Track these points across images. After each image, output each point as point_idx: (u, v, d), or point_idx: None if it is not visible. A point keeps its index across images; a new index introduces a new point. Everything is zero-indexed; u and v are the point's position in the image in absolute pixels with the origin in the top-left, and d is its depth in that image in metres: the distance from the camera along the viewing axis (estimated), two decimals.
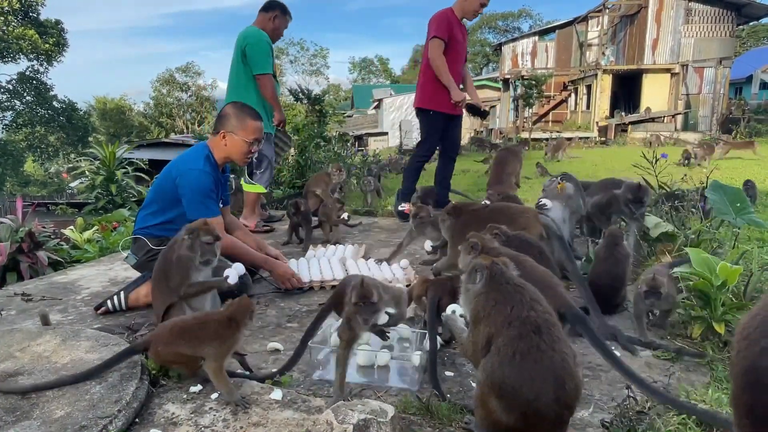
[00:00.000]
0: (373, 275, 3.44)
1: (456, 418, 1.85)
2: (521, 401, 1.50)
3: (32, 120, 29.29)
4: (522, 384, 1.50)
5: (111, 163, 9.94)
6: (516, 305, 1.63)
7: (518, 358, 1.52)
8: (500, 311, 1.63)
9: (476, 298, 1.71)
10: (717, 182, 3.49)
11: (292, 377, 2.18)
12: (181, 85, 50.78)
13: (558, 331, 1.62)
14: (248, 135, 3.18)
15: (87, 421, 1.65)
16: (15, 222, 5.39)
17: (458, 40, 5.26)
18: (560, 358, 1.55)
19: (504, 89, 29.31)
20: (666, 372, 2.22)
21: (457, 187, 8.55)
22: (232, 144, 3.17)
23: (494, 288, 1.70)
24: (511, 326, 1.58)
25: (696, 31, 24.01)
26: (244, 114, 3.22)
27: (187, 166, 3.09)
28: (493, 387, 1.54)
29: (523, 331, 1.56)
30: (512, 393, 1.50)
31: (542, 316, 1.61)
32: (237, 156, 3.24)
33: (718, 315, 2.48)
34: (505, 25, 56.33)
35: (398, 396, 2.02)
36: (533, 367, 1.51)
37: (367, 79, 64.50)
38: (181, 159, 3.22)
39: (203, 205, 3.02)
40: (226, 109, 3.28)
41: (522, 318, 1.59)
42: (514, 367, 1.52)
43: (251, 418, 1.83)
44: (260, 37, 4.84)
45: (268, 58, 4.84)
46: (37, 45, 26.71)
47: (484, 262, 1.76)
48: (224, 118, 3.21)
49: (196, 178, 3.03)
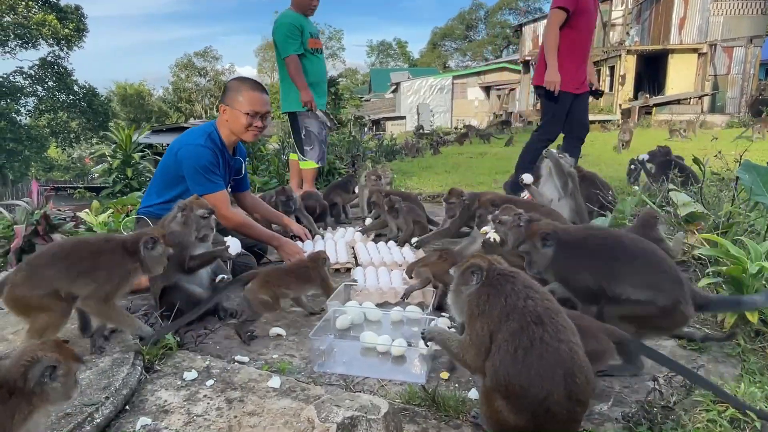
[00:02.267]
0: (382, 257, 3.33)
1: (463, 410, 1.73)
2: (530, 401, 1.36)
3: (54, 106, 29.59)
4: (529, 383, 1.36)
5: (127, 146, 9.96)
6: (510, 295, 1.48)
7: (521, 354, 1.38)
8: (494, 303, 1.49)
9: (469, 298, 1.56)
10: (749, 162, 3.27)
11: (291, 364, 2.08)
12: (199, 70, 50.93)
13: (562, 318, 1.48)
14: (244, 106, 3.00)
15: (72, 408, 1.57)
16: (30, 205, 5.41)
17: (588, 10, 4.62)
18: (567, 348, 1.41)
19: (524, 71, 28.66)
20: (693, 363, 2.07)
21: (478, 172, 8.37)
22: (232, 117, 3.05)
23: (486, 283, 1.55)
24: (509, 319, 1.44)
25: (725, 9, 23.05)
26: (242, 85, 3.08)
27: (187, 141, 3.05)
28: (498, 388, 1.40)
29: (523, 322, 1.42)
30: (520, 393, 1.36)
31: (541, 304, 1.47)
32: (238, 130, 3.08)
33: None
34: (526, 6, 55.03)
35: (403, 385, 1.90)
36: (539, 363, 1.37)
37: (385, 63, 63.80)
38: (184, 135, 3.17)
39: (206, 179, 2.97)
40: (228, 83, 3.19)
41: (519, 308, 1.45)
42: (518, 365, 1.38)
43: (246, 407, 1.73)
44: (282, 19, 4.95)
45: (288, 40, 4.86)
46: (57, 30, 26.88)
47: (480, 262, 1.60)
48: (224, 92, 3.13)
49: (195, 152, 2.98)
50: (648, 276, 1.98)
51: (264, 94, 3.13)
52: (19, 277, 1.95)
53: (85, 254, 2.02)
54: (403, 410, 1.71)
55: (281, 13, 5.08)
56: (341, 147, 8.23)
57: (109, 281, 2.00)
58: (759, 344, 2.23)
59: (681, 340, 2.26)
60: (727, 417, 1.57)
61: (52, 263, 1.99)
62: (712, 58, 23.12)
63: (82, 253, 2.03)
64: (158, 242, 2.12)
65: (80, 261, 2.00)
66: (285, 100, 5.13)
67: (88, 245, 2.09)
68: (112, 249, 2.07)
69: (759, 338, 2.27)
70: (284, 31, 4.86)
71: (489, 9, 57.99)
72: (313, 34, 5.08)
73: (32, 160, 30.54)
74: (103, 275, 1.99)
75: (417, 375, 1.99)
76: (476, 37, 59.63)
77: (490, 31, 57.80)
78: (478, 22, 59.54)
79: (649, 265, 2.00)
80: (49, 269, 1.97)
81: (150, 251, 2.10)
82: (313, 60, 5.04)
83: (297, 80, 4.88)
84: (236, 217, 3.12)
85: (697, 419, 1.58)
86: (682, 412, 1.61)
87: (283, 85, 5.12)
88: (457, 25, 59.98)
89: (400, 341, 2.11)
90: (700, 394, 1.69)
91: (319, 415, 1.20)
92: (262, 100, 3.08)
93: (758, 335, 2.29)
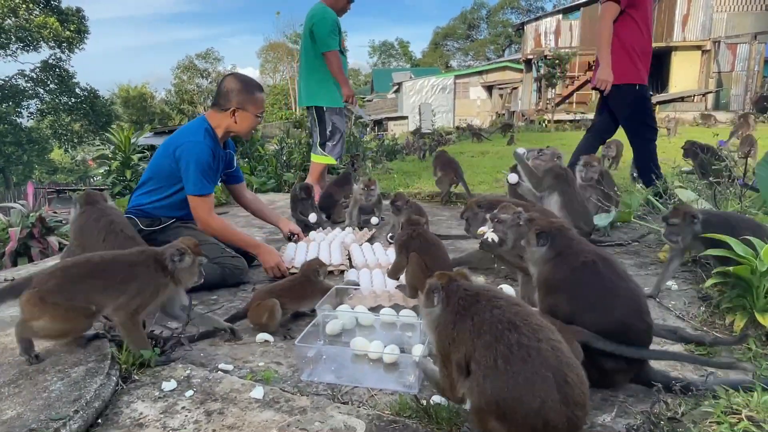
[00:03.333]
0: (377, 260, 3.23)
1: (457, 422, 1.62)
2: (526, 414, 1.24)
3: (56, 108, 29.65)
4: (520, 393, 1.25)
5: (126, 147, 9.88)
6: (476, 313, 1.38)
7: (502, 363, 1.28)
8: (462, 327, 1.39)
9: (437, 326, 1.47)
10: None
11: (277, 372, 1.98)
12: (201, 71, 50.92)
13: (536, 319, 1.38)
14: (258, 109, 3.07)
15: (37, 423, 1.46)
16: (26, 207, 5.33)
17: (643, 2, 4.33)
18: (549, 347, 1.31)
19: (526, 70, 28.51)
20: (700, 369, 1.96)
21: (479, 171, 8.25)
22: (243, 120, 3.05)
23: (449, 308, 1.45)
24: (481, 333, 1.34)
25: (729, 6, 22.86)
26: (251, 87, 3.07)
27: (187, 139, 2.97)
28: (489, 408, 1.29)
29: (496, 332, 1.32)
30: (513, 407, 1.25)
31: (510, 310, 1.37)
32: (245, 131, 3.14)
33: (761, 305, 2.19)
34: (527, 5, 54.88)
35: (394, 395, 1.80)
36: (524, 368, 1.27)
37: (387, 63, 63.71)
38: (180, 133, 3.08)
39: (201, 178, 2.92)
40: (230, 83, 3.07)
41: (488, 320, 1.35)
42: (502, 376, 1.27)
43: (226, 420, 1.63)
44: (324, 14, 4.88)
45: (333, 35, 4.87)
46: (58, 33, 26.93)
47: (438, 281, 1.50)
48: (230, 93, 3.03)
49: (198, 150, 2.92)
50: None
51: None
52: (52, 284, 1.85)
53: (122, 268, 1.96)
54: (392, 423, 1.61)
55: (320, 6, 4.97)
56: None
57: (140, 295, 1.93)
58: None
59: (689, 344, 2.15)
60: (740, 430, 1.45)
61: (91, 276, 1.92)
62: (716, 55, 22.94)
63: (118, 266, 1.96)
64: (186, 253, 2.03)
65: (117, 275, 1.93)
66: (314, 94, 5.06)
67: (125, 258, 2.02)
68: (146, 262, 2.00)
69: None
70: (330, 27, 4.85)
71: (491, 8, 57.94)
72: (343, 34, 5.16)
73: (35, 162, 30.59)
74: (135, 288, 1.92)
75: (409, 384, 1.88)
76: (478, 36, 59.54)
77: (492, 30, 57.69)
78: (480, 21, 59.45)
79: None
80: (87, 282, 1.90)
81: (179, 263, 2.02)
82: (342, 59, 5.08)
83: (339, 75, 4.95)
84: (215, 222, 3.04)
85: (707, 431, 1.47)
86: (691, 425, 1.50)
87: (311, 78, 5.04)
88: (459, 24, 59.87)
89: (392, 348, 2.01)
90: (709, 405, 1.58)
91: None
92: (264, 99, 3.19)
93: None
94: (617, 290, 1.76)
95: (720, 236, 2.28)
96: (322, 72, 4.95)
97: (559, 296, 1.78)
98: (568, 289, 1.78)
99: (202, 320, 2.27)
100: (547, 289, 1.84)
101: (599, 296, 1.75)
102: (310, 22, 4.94)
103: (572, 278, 1.79)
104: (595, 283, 1.77)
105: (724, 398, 1.59)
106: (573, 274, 1.79)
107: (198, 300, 2.63)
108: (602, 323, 1.71)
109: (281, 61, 50.55)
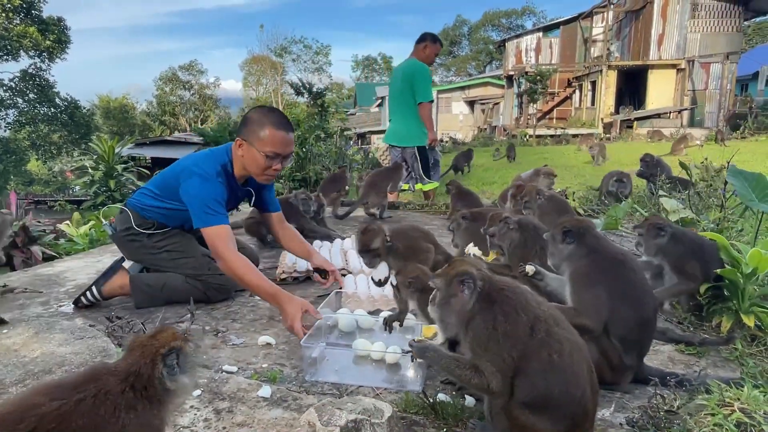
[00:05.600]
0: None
1: (462, 417, 1.66)
2: (569, 405, 1.31)
3: (35, 118, 29.13)
4: (567, 386, 1.31)
5: (110, 158, 9.78)
6: (524, 307, 1.39)
7: (557, 358, 1.32)
8: (515, 321, 1.37)
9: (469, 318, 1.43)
10: (735, 167, 3.30)
11: (282, 373, 2.00)
12: (184, 83, 50.63)
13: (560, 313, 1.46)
14: (266, 146, 2.54)
15: None
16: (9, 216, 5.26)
17: None
18: (582, 342, 1.38)
19: (508, 86, 29.02)
20: (691, 368, 2.04)
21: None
22: (248, 155, 2.61)
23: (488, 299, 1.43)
24: (534, 330, 1.35)
25: (702, 26, 23.67)
26: (266, 120, 2.58)
27: (193, 170, 2.64)
28: (534, 402, 1.32)
29: (548, 328, 1.36)
30: (560, 399, 1.31)
31: (549, 306, 1.44)
32: (254, 171, 2.66)
33: (747, 307, 2.29)
34: (508, 23, 55.93)
35: (399, 394, 1.84)
36: (572, 361, 1.34)
37: (370, 77, 64.18)
38: (194, 160, 2.77)
39: (206, 213, 2.53)
40: (250, 113, 2.71)
41: (541, 317, 1.38)
42: (557, 371, 1.32)
43: (235, 418, 1.65)
44: (425, 70, 5.85)
45: (429, 87, 5.83)
46: (38, 42, 26.58)
47: (470, 270, 1.46)
48: (244, 123, 2.66)
49: (198, 185, 2.58)
50: None
51: (290, 133, 2.65)
52: None
53: None
54: (401, 419, 1.65)
55: (414, 61, 5.87)
56: (328, 158, 8.21)
57: None
58: (756, 348, 2.21)
59: (679, 344, 2.23)
60: (733, 420, 1.53)
61: None
62: (690, 74, 23.66)
63: None
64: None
65: None
66: (412, 137, 5.96)
67: None
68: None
69: (756, 342, 2.26)
70: (428, 79, 5.84)
71: (472, 25, 58.87)
72: None
73: (11, 173, 29.95)
74: None
75: (413, 382, 1.92)
76: (460, 52, 60.41)
77: (474, 47, 58.58)
78: (462, 38, 60.36)
79: None
80: None
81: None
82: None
83: (429, 123, 5.86)
84: (235, 260, 2.45)
85: (702, 423, 1.54)
86: (687, 417, 1.57)
87: (405, 122, 5.94)
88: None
89: (394, 348, 2.05)
90: (703, 398, 1.65)
91: (321, 418, 1.13)
92: (286, 140, 2.60)
93: (754, 340, 2.27)
94: (645, 286, 1.91)
95: None
96: (413, 117, 5.84)
97: (599, 290, 1.84)
98: (608, 283, 1.85)
99: None
100: (586, 282, 1.88)
101: (634, 290, 1.86)
102: (410, 75, 5.80)
103: (611, 273, 1.88)
104: (630, 279, 1.88)
105: (717, 392, 1.66)
106: (611, 269, 1.88)
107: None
108: (637, 316, 1.83)
109: (264, 74, 50.57)
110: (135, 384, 1.08)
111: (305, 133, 8.14)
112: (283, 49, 50.59)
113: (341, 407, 1.17)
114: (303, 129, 8.26)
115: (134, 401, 1.08)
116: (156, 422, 1.12)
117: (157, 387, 1.11)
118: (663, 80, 23.96)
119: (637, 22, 25.22)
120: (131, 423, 1.05)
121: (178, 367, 1.14)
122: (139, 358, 1.12)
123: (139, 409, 1.08)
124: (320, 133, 8.69)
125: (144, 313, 2.62)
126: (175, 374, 1.14)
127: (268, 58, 49.84)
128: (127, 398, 1.07)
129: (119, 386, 1.07)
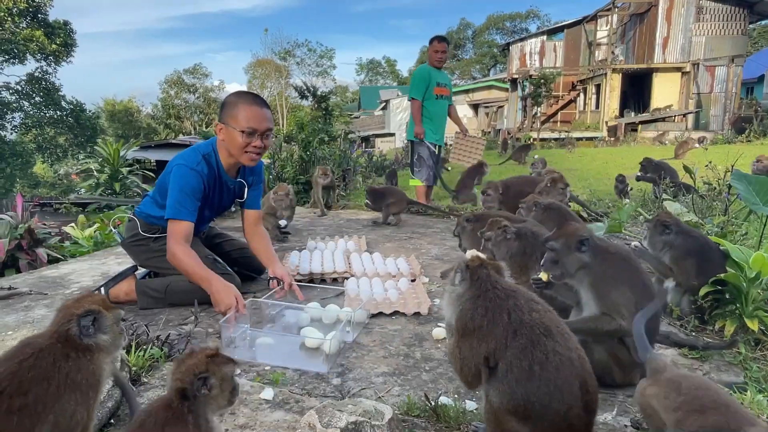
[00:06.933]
0: (376, 269, 3.28)
1: (464, 421, 1.67)
2: (551, 418, 1.29)
3: (41, 121, 29.33)
4: (550, 398, 1.28)
5: (115, 161, 9.84)
6: (513, 310, 1.39)
7: (538, 369, 1.30)
8: (496, 321, 1.38)
9: (461, 305, 1.46)
10: (739, 171, 3.29)
11: (285, 375, 2.01)
12: (188, 86, 50.86)
13: (565, 327, 1.42)
14: (240, 123, 2.61)
15: None
16: (15, 219, 5.29)
17: None
18: (577, 356, 1.36)
19: (512, 89, 29.02)
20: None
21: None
22: (228, 137, 2.69)
23: (481, 294, 1.44)
24: (517, 335, 1.35)
25: (707, 29, 23.61)
26: (239, 100, 2.69)
27: (178, 161, 2.76)
28: (516, 409, 1.31)
29: (533, 337, 1.34)
30: (540, 412, 1.29)
31: (546, 316, 1.40)
32: (235, 152, 2.71)
33: (750, 311, 2.28)
34: (512, 26, 56.02)
35: (401, 396, 1.84)
36: (557, 376, 1.30)
37: (375, 81, 64.32)
38: (180, 154, 2.88)
39: (180, 205, 2.65)
40: (226, 98, 2.81)
41: (526, 323, 1.37)
42: (536, 382, 1.30)
43: (237, 420, 1.65)
44: (419, 71, 6.46)
45: (414, 87, 6.30)
46: (44, 46, 26.77)
47: (470, 263, 1.51)
48: (221, 108, 2.76)
49: (181, 174, 2.68)
50: None
51: (265, 108, 2.73)
52: None
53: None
54: (401, 421, 1.65)
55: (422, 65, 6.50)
56: (332, 162, 8.21)
57: None
58: (760, 352, 2.21)
59: (682, 348, 2.22)
60: None
61: None
62: (695, 77, 23.60)
63: None
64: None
65: None
66: (409, 131, 6.53)
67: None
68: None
69: (759, 346, 2.25)
70: (414, 80, 6.39)
71: (476, 29, 58.94)
72: (440, 84, 6.35)
73: (17, 176, 30.14)
74: None
75: (317, 365, 2.08)
76: (464, 56, 60.47)
77: (478, 50, 58.64)
78: (466, 41, 60.44)
79: None
80: None
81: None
82: (436, 103, 6.33)
83: (415, 117, 6.30)
84: (179, 252, 2.60)
85: None
86: None
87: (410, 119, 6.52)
88: None
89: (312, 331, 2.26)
90: None
91: (321, 420, 1.13)
92: (261, 115, 2.67)
93: (758, 344, 2.27)
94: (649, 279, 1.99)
95: None
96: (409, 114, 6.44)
97: (624, 290, 1.89)
98: (630, 283, 1.90)
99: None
100: (611, 283, 1.92)
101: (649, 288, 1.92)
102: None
103: (630, 273, 1.93)
104: (641, 274, 1.94)
105: None
106: (629, 269, 1.94)
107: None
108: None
109: (269, 78, 50.75)
110: (59, 339, 1.26)
111: (309, 136, 8.14)
112: (287, 53, 50.80)
113: (342, 409, 1.18)
114: (307, 132, 8.27)
115: (66, 351, 1.25)
116: (91, 366, 1.27)
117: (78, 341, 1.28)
118: (668, 83, 23.92)
119: (642, 25, 25.19)
120: (70, 368, 1.22)
121: (92, 327, 1.28)
122: (61, 319, 1.29)
123: (72, 356, 1.25)
124: (324, 137, 8.69)
125: (148, 315, 2.64)
126: (89, 334, 1.28)
127: (273, 62, 50.04)
128: (58, 350, 1.24)
129: (49, 342, 1.25)
